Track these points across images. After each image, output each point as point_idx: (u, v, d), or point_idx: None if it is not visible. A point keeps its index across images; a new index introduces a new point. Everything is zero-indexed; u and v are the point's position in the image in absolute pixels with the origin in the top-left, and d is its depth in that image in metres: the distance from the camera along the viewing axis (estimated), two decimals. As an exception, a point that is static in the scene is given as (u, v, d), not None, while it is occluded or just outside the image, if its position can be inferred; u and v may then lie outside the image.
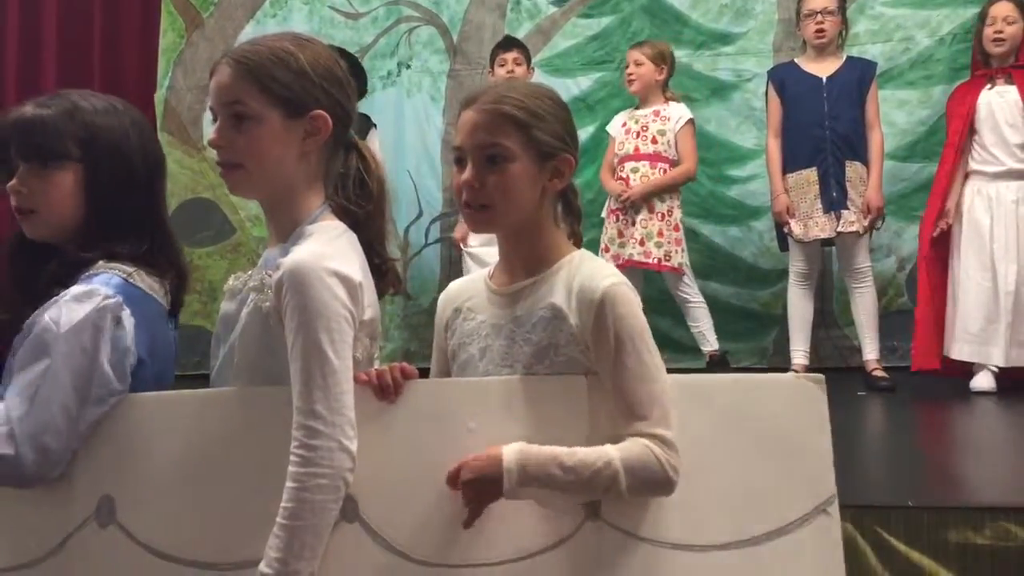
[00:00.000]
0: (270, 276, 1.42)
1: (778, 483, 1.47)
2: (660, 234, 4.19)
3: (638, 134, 4.31)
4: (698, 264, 4.55)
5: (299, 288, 1.35)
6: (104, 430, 1.49)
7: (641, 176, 4.24)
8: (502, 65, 4.45)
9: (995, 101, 4.03)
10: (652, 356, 1.42)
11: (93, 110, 1.57)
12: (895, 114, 4.55)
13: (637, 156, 4.28)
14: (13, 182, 1.52)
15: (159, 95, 5.28)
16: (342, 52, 4.40)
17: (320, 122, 1.47)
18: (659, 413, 1.39)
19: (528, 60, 4.53)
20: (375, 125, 4.58)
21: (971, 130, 4.07)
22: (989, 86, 4.06)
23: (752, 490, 1.46)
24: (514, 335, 1.49)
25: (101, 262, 1.52)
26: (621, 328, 1.40)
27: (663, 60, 4.31)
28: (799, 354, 4.20)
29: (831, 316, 4.67)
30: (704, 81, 4.86)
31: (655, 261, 4.19)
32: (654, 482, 1.39)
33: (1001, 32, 4.04)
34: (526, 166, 1.47)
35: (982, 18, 4.13)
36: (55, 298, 1.46)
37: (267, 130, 1.44)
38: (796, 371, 4.12)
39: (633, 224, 4.22)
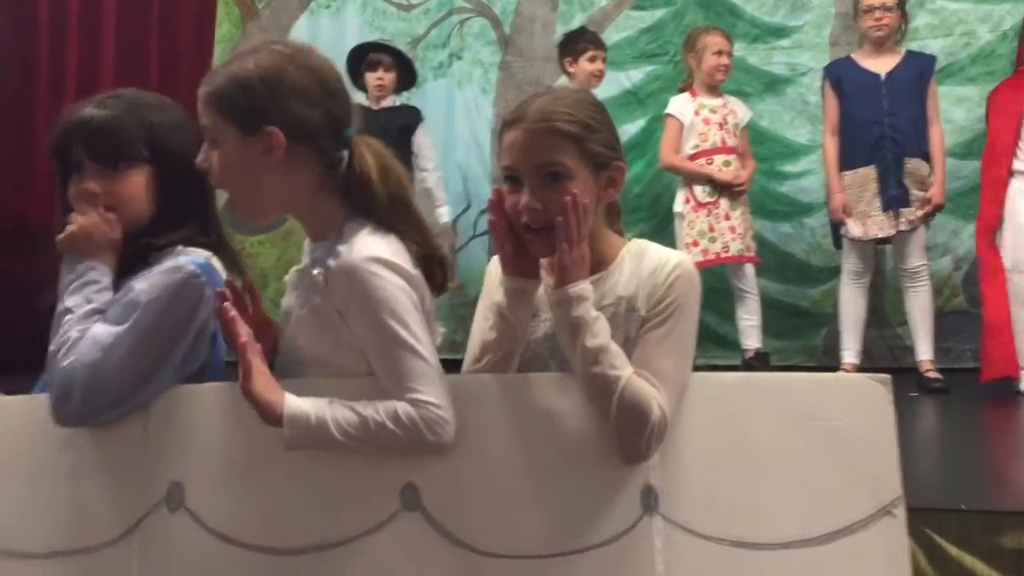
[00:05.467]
0: (320, 275, 1.44)
1: (843, 483, 1.46)
2: (751, 226, 4.26)
3: (720, 126, 4.24)
4: (749, 260, 4.51)
5: (358, 286, 1.39)
6: (174, 417, 1.52)
7: (734, 171, 4.19)
8: (593, 60, 4.31)
9: None
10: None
11: (153, 109, 1.64)
12: (954, 111, 4.46)
13: (727, 150, 4.21)
14: (89, 184, 1.58)
15: (214, 84, 5.34)
16: (375, 47, 4.46)
17: (273, 138, 1.44)
18: None
19: None
20: (423, 119, 4.58)
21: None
22: None
23: (816, 490, 1.46)
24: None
25: (180, 247, 1.60)
26: (679, 301, 1.47)
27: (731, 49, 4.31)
28: (850, 353, 4.14)
29: (883, 315, 4.60)
30: (758, 75, 4.80)
31: (752, 254, 4.23)
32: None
33: None
34: (584, 180, 1.46)
35: None
36: (148, 269, 1.55)
37: (227, 151, 1.45)
38: (846, 370, 4.06)
39: (727, 218, 4.17)
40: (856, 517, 1.45)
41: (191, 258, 1.57)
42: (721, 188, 4.16)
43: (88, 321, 1.52)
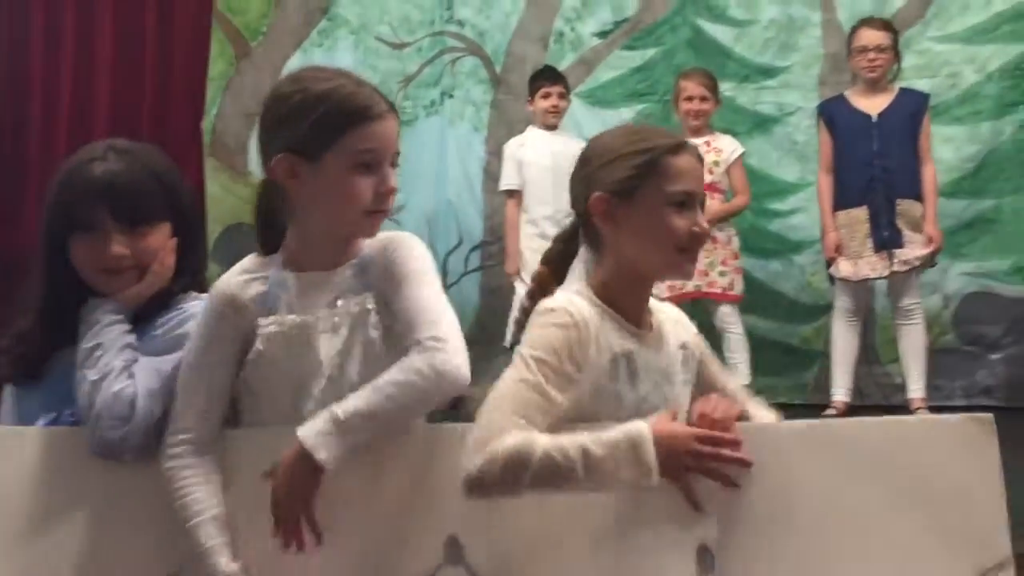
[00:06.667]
0: (361, 299, 1.47)
1: (931, 543, 1.29)
2: (724, 263, 4.22)
3: None
4: (738, 298, 4.52)
5: (409, 249, 1.50)
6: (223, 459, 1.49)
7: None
8: (546, 97, 4.46)
9: None
10: None
11: (160, 164, 1.65)
12: (941, 150, 4.50)
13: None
14: (117, 247, 1.57)
15: (207, 122, 5.37)
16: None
17: None
18: None
19: (569, 92, 4.57)
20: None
21: None
22: None
23: (897, 551, 1.30)
24: (673, 379, 1.50)
25: (193, 292, 1.65)
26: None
27: (716, 91, 4.36)
28: (841, 391, 4.14)
29: (873, 352, 4.61)
30: (746, 115, 4.85)
31: (720, 290, 4.20)
32: None
33: None
34: None
35: None
36: (181, 309, 1.61)
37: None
38: (837, 408, 4.07)
39: None
40: None
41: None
42: None
43: (125, 353, 1.53)
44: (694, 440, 1.32)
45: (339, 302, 1.46)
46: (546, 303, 1.43)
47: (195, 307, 1.59)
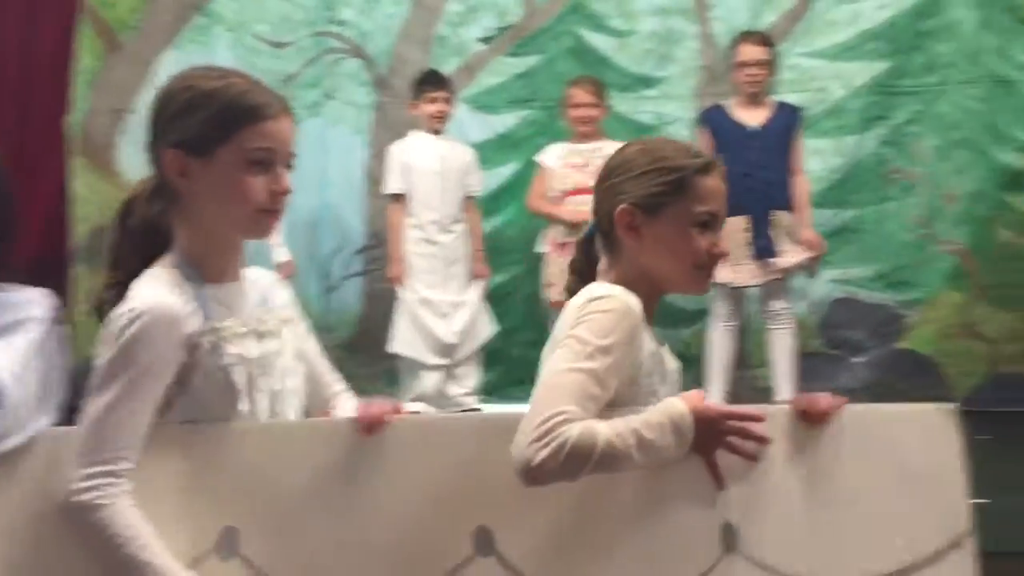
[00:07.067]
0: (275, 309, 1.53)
1: (913, 517, 1.44)
2: None
3: (582, 168, 4.34)
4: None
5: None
6: (224, 458, 1.44)
7: (588, 210, 4.26)
8: (432, 102, 4.45)
9: None
10: None
11: None
12: (810, 161, 4.68)
13: (584, 191, 4.30)
14: None
15: (74, 117, 5.12)
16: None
17: None
18: None
19: (454, 98, 4.56)
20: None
21: None
22: None
23: (888, 523, 1.44)
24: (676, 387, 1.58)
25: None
26: None
27: (604, 98, 4.44)
28: (716, 395, 4.26)
29: (745, 356, 4.76)
30: (627, 123, 4.93)
31: None
32: None
33: None
34: None
35: None
36: None
37: None
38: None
39: None
40: (926, 551, 1.43)
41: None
42: (576, 229, 4.25)
43: None
44: (725, 418, 1.38)
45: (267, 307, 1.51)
46: (596, 290, 1.45)
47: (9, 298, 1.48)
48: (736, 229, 4.16)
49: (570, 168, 4.39)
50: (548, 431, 1.29)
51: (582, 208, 4.27)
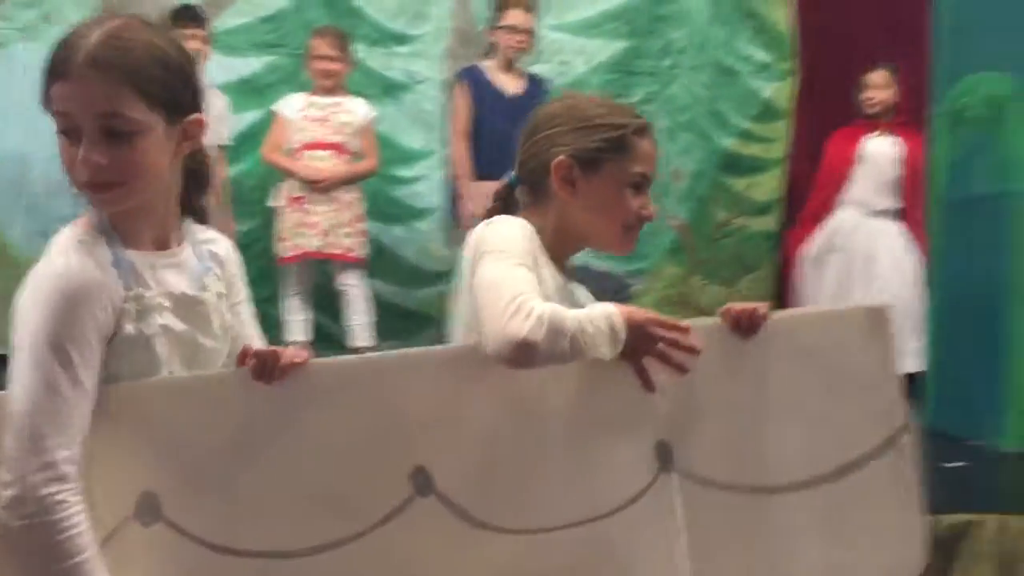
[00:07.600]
0: (218, 270, 1.44)
1: (850, 416, 1.46)
2: (349, 224, 4.20)
3: (321, 122, 4.23)
4: (361, 261, 4.55)
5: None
6: (138, 418, 1.31)
7: (327, 166, 4.17)
8: (191, 40, 4.07)
9: None
10: None
11: None
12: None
13: (321, 145, 4.22)
14: None
15: None
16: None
17: (198, 126, 1.34)
18: None
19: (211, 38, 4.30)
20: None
21: None
22: None
23: (825, 426, 1.45)
24: None
25: None
26: None
27: (348, 52, 4.32)
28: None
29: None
30: (377, 79, 4.86)
31: (342, 251, 4.17)
32: None
33: None
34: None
35: None
36: None
37: (152, 141, 1.27)
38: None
39: (315, 214, 4.13)
40: (865, 449, 1.45)
41: None
42: (310, 184, 4.17)
43: None
44: (654, 324, 1.38)
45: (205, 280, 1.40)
46: (499, 217, 1.52)
47: None
48: (490, 192, 4.18)
49: (308, 121, 4.26)
50: (520, 306, 1.31)
51: (318, 164, 4.19)
